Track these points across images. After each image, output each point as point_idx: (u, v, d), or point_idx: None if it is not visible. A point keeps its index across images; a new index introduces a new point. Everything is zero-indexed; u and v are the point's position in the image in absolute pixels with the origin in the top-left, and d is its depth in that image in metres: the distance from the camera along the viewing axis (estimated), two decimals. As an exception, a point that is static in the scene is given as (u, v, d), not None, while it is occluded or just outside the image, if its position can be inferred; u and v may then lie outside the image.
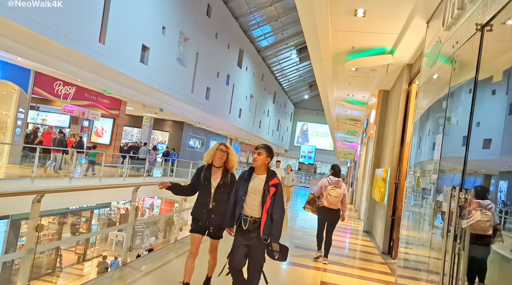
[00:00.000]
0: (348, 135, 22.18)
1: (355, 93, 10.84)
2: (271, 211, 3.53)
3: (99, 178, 12.58)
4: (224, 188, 3.96)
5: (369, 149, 12.20)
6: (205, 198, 3.96)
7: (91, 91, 16.05)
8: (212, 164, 4.05)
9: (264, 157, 3.68)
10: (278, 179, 3.66)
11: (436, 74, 4.25)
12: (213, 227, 3.94)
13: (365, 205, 11.39)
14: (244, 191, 3.63)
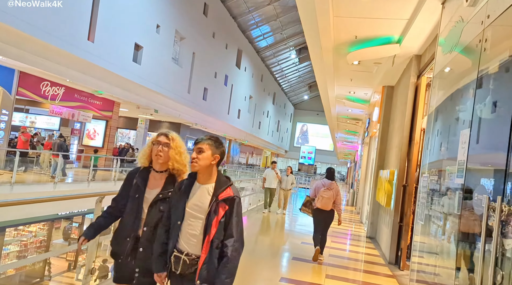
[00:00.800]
0: (349, 136, 21.55)
1: (357, 90, 10.21)
2: (219, 243, 2.23)
3: (87, 183, 11.93)
4: (165, 205, 2.49)
5: (372, 149, 11.56)
6: (132, 218, 2.51)
7: (82, 92, 15.42)
8: (151, 167, 2.64)
9: (209, 155, 2.30)
10: (234, 190, 2.33)
11: (457, 60, 3.61)
12: (139, 270, 2.46)
13: (367, 208, 10.75)
14: (179, 212, 2.31)
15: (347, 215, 14.49)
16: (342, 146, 30.21)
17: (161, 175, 2.60)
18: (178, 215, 2.31)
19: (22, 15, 10.47)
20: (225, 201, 2.26)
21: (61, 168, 11.96)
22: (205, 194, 2.30)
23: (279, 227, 9.41)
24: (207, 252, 2.21)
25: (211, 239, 2.21)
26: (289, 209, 12.90)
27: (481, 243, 2.38)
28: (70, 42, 12.37)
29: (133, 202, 2.54)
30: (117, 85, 15.83)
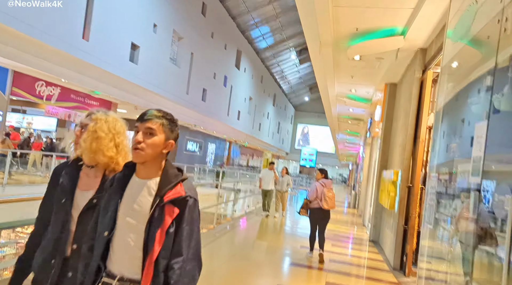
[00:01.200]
0: (350, 137, 21.20)
1: (358, 88, 9.87)
2: (167, 263, 1.57)
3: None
4: None
5: (374, 149, 11.22)
6: (57, 232, 1.84)
7: (78, 92, 15.11)
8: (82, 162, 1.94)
9: (161, 140, 1.71)
10: (187, 187, 1.67)
11: (469, 48, 3.27)
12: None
13: (370, 210, 10.40)
14: (107, 219, 1.63)
15: (349, 218, 14.13)
16: (344, 148, 29.84)
17: (95, 170, 1.90)
18: (106, 223, 1.61)
19: (14, 13, 10.18)
20: (174, 203, 1.59)
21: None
22: (145, 193, 1.62)
23: (277, 231, 9.07)
24: (150, 277, 1.52)
25: (154, 258, 1.52)
26: (289, 211, 12.52)
27: (505, 251, 2.04)
28: (65, 41, 12.07)
29: (58, 209, 1.84)
30: (114, 86, 15.53)
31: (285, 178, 11.29)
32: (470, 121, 3.11)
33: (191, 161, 27.22)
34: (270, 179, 10.96)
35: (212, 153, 34.12)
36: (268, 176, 11.10)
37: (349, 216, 14.60)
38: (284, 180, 11.23)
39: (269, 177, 11.03)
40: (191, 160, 27.51)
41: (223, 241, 7.21)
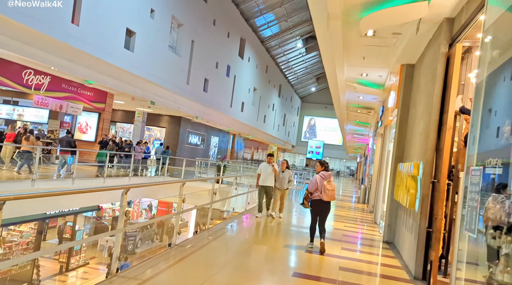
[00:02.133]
0: (359, 127, 20.19)
1: (370, 72, 8.89)
2: None
3: (72, 180, 10.81)
4: None
5: (387, 140, 10.26)
6: None
7: (70, 82, 14.28)
8: None
9: None
10: None
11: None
12: None
13: (383, 206, 9.48)
14: None
15: (358, 214, 13.21)
16: (352, 139, 28.83)
17: None
18: None
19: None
20: None
21: (68, 164, 12.13)
22: None
23: (274, 234, 8.10)
24: None
25: None
26: (288, 210, 11.52)
27: None
28: (51, 25, 11.21)
29: None
30: (108, 75, 14.67)
31: (285, 173, 9.56)
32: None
33: (194, 154, 26.40)
34: (268, 174, 9.31)
35: (215, 146, 33.28)
36: (267, 170, 9.35)
37: (358, 212, 13.68)
38: (285, 175, 9.52)
39: (269, 171, 9.34)
40: (194, 154, 26.69)
41: (215, 245, 6.34)
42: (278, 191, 9.55)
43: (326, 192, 6.51)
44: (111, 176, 12.55)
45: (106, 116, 16.73)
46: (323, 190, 6.52)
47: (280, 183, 9.48)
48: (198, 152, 28.36)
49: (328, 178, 6.64)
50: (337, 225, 9.58)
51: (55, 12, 11.16)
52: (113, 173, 14.53)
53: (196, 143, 28.93)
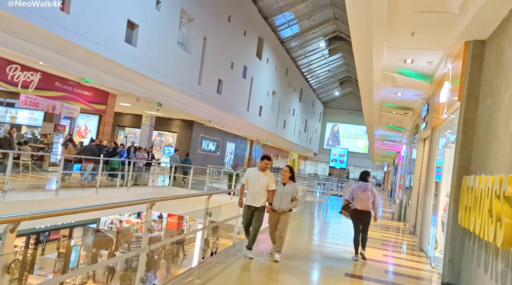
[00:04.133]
0: (391, 133, 17.95)
1: (417, 56, 6.81)
2: None
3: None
4: None
5: (435, 145, 8.13)
6: None
7: (65, 80, 12.74)
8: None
9: None
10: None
11: None
12: None
13: (434, 231, 7.37)
14: None
15: (396, 236, 11.01)
16: (381, 147, 26.43)
17: None
18: None
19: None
20: None
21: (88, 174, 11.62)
22: None
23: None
24: None
25: None
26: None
27: None
28: (36, 11, 9.64)
29: None
30: (108, 72, 13.09)
31: (288, 187, 6.06)
32: None
33: (207, 161, 24.58)
34: (260, 188, 5.86)
35: (231, 153, 31.46)
36: (258, 181, 5.87)
37: (395, 233, 11.48)
38: (287, 190, 6.02)
39: (260, 183, 5.87)
40: (207, 161, 24.89)
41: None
42: (274, 215, 6.00)
43: (359, 201, 6.68)
44: (100, 187, 10.80)
45: (108, 119, 15.13)
46: (357, 199, 6.71)
47: (278, 201, 5.93)
48: (212, 159, 26.59)
49: (364, 188, 6.73)
50: (373, 253, 7.50)
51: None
52: (105, 182, 12.82)
53: (210, 149, 27.18)
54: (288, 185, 6.10)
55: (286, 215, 5.99)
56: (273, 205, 5.95)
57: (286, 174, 6.17)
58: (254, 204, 5.85)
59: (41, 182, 10.62)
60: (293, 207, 6.08)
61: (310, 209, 15.58)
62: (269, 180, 5.86)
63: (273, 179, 5.94)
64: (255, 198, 5.85)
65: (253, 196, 5.86)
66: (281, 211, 5.96)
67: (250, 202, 5.89)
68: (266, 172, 5.97)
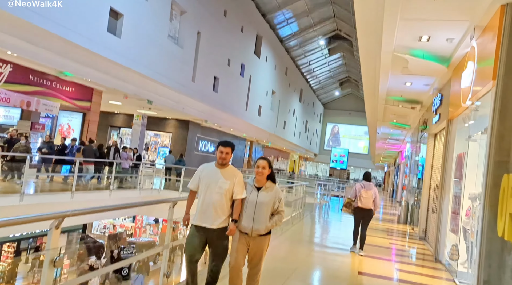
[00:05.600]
0: (395, 130, 16.91)
1: (436, 32, 5.75)
2: None
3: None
4: None
5: (451, 140, 7.08)
6: None
7: (41, 74, 11.72)
8: None
9: None
10: None
11: None
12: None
13: (457, 241, 6.33)
14: None
15: (403, 242, 9.93)
16: (382, 146, 25.39)
17: None
18: None
19: None
20: None
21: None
22: None
23: None
24: None
25: None
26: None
27: None
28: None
29: None
30: (90, 65, 12.07)
31: (265, 194, 3.74)
32: None
33: (204, 163, 23.49)
34: (217, 196, 3.67)
35: (230, 154, 30.36)
36: (214, 184, 3.68)
37: (403, 239, 10.41)
38: (263, 199, 3.71)
39: (217, 187, 3.68)
40: (204, 162, 23.74)
41: None
42: (242, 242, 3.71)
43: (361, 199, 7.03)
44: (77, 190, 9.75)
45: (93, 117, 14.11)
46: (359, 197, 7.04)
47: (250, 217, 3.68)
48: (210, 160, 25.39)
49: (367, 188, 7.06)
50: (384, 267, 6.44)
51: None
52: (92, 185, 11.82)
53: (208, 150, 26.13)
54: (264, 190, 3.72)
55: (262, 241, 3.68)
56: (240, 225, 3.67)
57: (263, 172, 3.72)
58: (207, 223, 3.60)
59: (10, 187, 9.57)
60: (274, 226, 3.74)
61: (310, 212, 14.52)
62: (233, 182, 3.66)
63: (240, 181, 3.71)
64: (208, 213, 3.62)
65: (204, 210, 3.63)
66: (254, 235, 3.64)
67: (200, 221, 3.64)
68: (229, 169, 3.73)
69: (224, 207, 3.68)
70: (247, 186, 3.80)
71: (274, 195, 3.76)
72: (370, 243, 8.47)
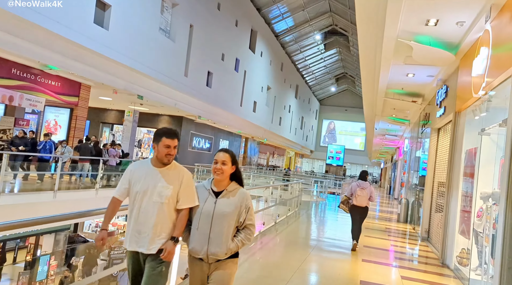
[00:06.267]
0: (394, 126, 16.45)
1: (446, 13, 5.21)
2: None
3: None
4: None
5: (459, 133, 6.60)
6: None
7: (25, 67, 11.12)
8: None
9: None
10: None
11: None
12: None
13: (466, 243, 5.88)
14: None
15: (401, 241, 9.48)
16: (380, 142, 24.97)
17: None
18: None
19: None
20: None
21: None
22: None
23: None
24: None
25: None
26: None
27: None
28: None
29: None
30: (76, 58, 11.47)
31: (225, 201, 2.65)
32: None
33: (199, 160, 23.01)
34: (155, 206, 2.63)
35: (225, 151, 29.84)
36: (152, 189, 2.65)
37: (403, 239, 9.95)
38: (223, 209, 2.62)
39: (156, 193, 2.64)
40: (199, 159, 23.32)
41: None
42: (197, 271, 2.66)
43: (356, 197, 7.24)
44: (59, 189, 9.21)
45: (81, 113, 13.53)
46: (355, 196, 7.27)
47: (204, 236, 2.61)
48: (205, 157, 25.01)
49: (362, 186, 7.26)
50: (383, 274, 5.95)
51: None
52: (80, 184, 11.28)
53: (202, 147, 25.60)
54: (226, 195, 2.67)
55: (225, 268, 2.64)
56: (190, 248, 2.67)
57: (223, 169, 2.64)
58: (143, 248, 2.61)
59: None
60: (240, 248, 2.66)
61: (307, 210, 14.04)
62: (178, 186, 2.66)
63: (187, 183, 2.69)
64: (144, 232, 2.62)
65: (138, 229, 2.62)
66: (212, 260, 2.62)
67: (133, 244, 2.64)
68: (172, 169, 2.71)
69: (167, 222, 2.62)
70: (200, 190, 2.71)
71: (239, 203, 2.63)
72: (371, 245, 8.00)
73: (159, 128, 2.77)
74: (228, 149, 2.79)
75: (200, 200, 2.67)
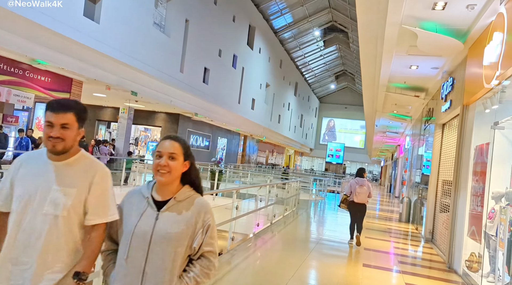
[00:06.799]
0: (395, 122, 16.01)
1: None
2: None
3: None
4: None
5: (467, 128, 6.17)
6: None
7: (12, 61, 10.69)
8: None
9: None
10: None
11: None
12: None
13: (476, 246, 5.46)
14: None
15: (403, 242, 9.06)
16: (380, 140, 24.53)
17: None
18: None
19: None
20: None
21: None
22: None
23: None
24: None
25: None
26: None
27: None
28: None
29: None
30: (65, 52, 11.03)
31: (181, 216, 1.69)
32: None
33: (197, 158, 22.24)
34: (46, 219, 1.67)
35: (223, 149, 29.46)
36: (45, 192, 1.69)
37: (403, 240, 9.53)
38: (168, 226, 1.66)
39: (48, 199, 1.68)
40: (197, 158, 22.50)
41: None
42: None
43: (356, 195, 7.33)
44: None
45: (72, 109, 13.04)
46: (354, 193, 7.35)
47: (137, 270, 1.63)
48: (203, 155, 24.58)
49: (361, 183, 7.36)
50: (387, 281, 5.52)
51: None
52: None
53: (200, 145, 25.17)
54: (173, 206, 1.71)
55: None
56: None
57: (170, 165, 1.69)
58: (25, 283, 1.65)
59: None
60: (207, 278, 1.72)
61: (305, 210, 13.62)
62: (85, 189, 1.75)
63: (101, 185, 1.78)
64: (23, 262, 1.65)
65: (15, 257, 1.65)
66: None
67: (9, 278, 1.65)
68: (75, 163, 1.78)
69: (64, 248, 1.69)
70: (134, 199, 1.76)
71: (194, 219, 1.71)
72: (372, 247, 7.58)
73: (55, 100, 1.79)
74: (178, 136, 1.79)
75: (134, 214, 1.69)
